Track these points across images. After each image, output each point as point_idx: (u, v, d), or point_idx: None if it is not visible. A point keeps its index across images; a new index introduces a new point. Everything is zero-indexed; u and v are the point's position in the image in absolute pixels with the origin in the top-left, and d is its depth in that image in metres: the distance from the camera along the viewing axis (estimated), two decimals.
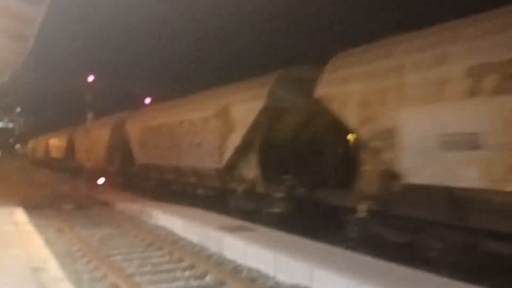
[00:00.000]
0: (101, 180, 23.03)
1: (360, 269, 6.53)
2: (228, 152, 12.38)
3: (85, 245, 9.48)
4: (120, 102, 32.57)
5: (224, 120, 12.77)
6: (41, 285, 5.51)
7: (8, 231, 9.34)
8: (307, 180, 10.87)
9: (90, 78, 29.79)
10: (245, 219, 10.95)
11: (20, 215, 11.80)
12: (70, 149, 33.73)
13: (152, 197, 16.64)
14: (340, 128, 9.96)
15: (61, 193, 20.77)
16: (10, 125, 76.26)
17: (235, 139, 12.09)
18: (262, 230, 10.05)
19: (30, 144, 66.49)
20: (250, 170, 11.89)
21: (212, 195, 14.25)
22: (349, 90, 8.77)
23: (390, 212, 7.99)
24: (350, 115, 8.78)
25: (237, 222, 10.83)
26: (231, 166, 12.58)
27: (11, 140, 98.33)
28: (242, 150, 12.02)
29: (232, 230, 9.65)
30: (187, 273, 7.66)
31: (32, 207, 14.87)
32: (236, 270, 7.83)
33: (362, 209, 8.41)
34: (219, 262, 8.35)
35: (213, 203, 13.82)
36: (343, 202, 9.33)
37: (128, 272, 7.63)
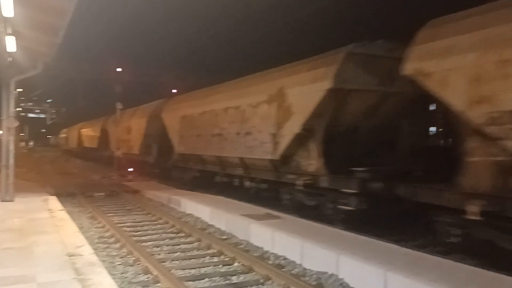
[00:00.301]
0: (133, 170, 22.79)
1: (388, 258, 6.51)
2: (285, 142, 11.15)
3: (117, 232, 9.75)
4: (154, 92, 32.75)
5: (279, 106, 11.49)
6: (76, 270, 5.72)
7: (43, 218, 9.69)
8: (383, 173, 9.42)
9: (121, 68, 30.13)
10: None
11: (54, 202, 12.21)
12: (103, 138, 33.26)
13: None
14: (417, 112, 9.17)
15: (93, 182, 21.37)
16: (42, 115, 78.38)
17: (293, 127, 10.82)
18: (289, 218, 10.12)
19: (62, 134, 67.25)
20: (311, 161, 10.62)
21: (263, 188, 13.18)
22: (453, 63, 7.23)
23: (507, 214, 6.70)
24: (455, 94, 7.21)
25: (263, 210, 10.94)
26: (288, 157, 11.39)
27: (43, 131, 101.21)
28: (302, 139, 10.77)
29: (259, 217, 9.75)
30: (215, 259, 7.81)
31: (66, 195, 15.39)
32: (263, 257, 7.94)
33: (472, 210, 6.89)
34: (247, 249, 8.48)
35: (264, 198, 13.13)
36: (439, 201, 7.80)
37: (159, 257, 7.84)
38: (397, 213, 9.31)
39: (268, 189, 12.92)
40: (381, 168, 9.56)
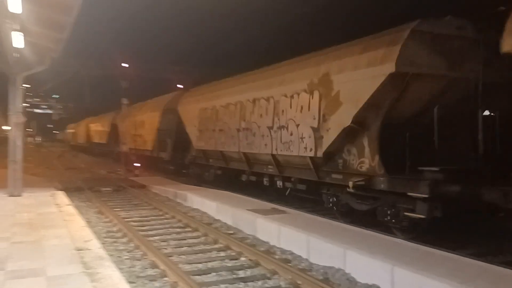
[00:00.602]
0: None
1: (395, 253, 6.52)
2: (330, 136, 9.66)
3: (124, 226, 9.81)
4: (166, 86, 32.66)
5: (323, 95, 9.94)
6: (85, 264, 5.77)
7: (51, 213, 9.77)
8: (461, 173, 7.97)
9: (129, 63, 30.17)
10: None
11: (61, 197, 12.31)
12: (113, 134, 32.24)
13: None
14: (493, 100, 7.87)
15: (100, 177, 21.50)
16: (49, 111, 78.92)
17: (341, 119, 9.29)
18: (295, 212, 10.15)
19: (70, 130, 66.80)
20: (364, 159, 9.10)
21: (300, 189, 11.68)
22: None
23: None
24: None
25: (269, 205, 10.96)
26: (333, 154, 9.86)
27: (50, 126, 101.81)
28: (352, 133, 9.26)
29: (265, 212, 9.78)
30: (222, 254, 7.85)
31: (73, 190, 15.51)
32: (269, 251, 7.96)
33: None
34: (253, 244, 8.50)
35: (303, 201, 12.34)
36: None
37: (166, 252, 7.89)
38: (481, 222, 8.16)
39: (306, 190, 11.41)
40: (457, 168, 8.19)
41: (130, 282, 6.03)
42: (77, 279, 5.20)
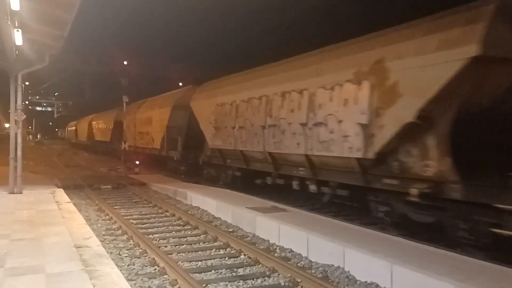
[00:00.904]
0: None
1: (395, 251, 6.51)
2: (386, 134, 8.22)
3: (124, 224, 9.81)
4: (165, 83, 32.48)
5: (375, 86, 8.50)
6: (84, 261, 5.78)
7: (51, 210, 9.78)
8: None
9: (129, 60, 30.09)
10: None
11: (61, 195, 12.31)
12: (117, 131, 30.17)
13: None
14: None
15: (100, 175, 21.50)
16: (49, 109, 79.05)
17: (401, 114, 7.90)
18: (295, 210, 10.14)
19: (71, 127, 65.68)
20: (429, 162, 7.68)
21: (341, 195, 10.25)
22: None
23: None
24: None
25: (269, 203, 10.96)
26: (388, 156, 8.46)
27: (50, 124, 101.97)
28: (414, 131, 7.86)
29: (265, 210, 9.78)
30: (221, 252, 7.85)
31: (73, 188, 15.52)
32: (269, 249, 7.97)
33: None
34: (253, 242, 8.51)
35: (340, 207, 11.17)
36: None
37: (165, 249, 7.89)
38: None
39: (349, 196, 10.03)
40: None
41: (129, 280, 6.04)
42: (76, 276, 5.20)
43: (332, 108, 9.65)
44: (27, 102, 54.48)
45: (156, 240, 8.65)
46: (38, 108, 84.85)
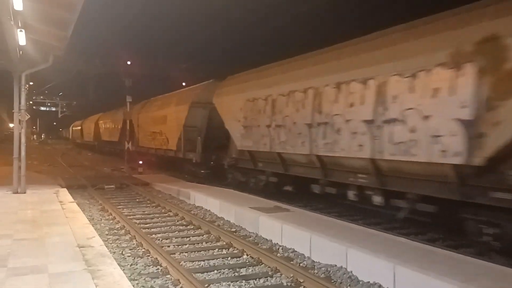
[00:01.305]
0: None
1: (397, 251, 6.49)
2: (502, 134, 6.41)
3: (127, 224, 9.83)
4: (170, 83, 32.27)
5: (486, 70, 6.61)
6: (87, 261, 5.79)
7: (55, 210, 9.81)
8: None
9: (132, 60, 30.03)
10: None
11: (65, 195, 12.35)
12: (126, 131, 26.60)
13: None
14: None
15: (104, 175, 21.56)
16: (53, 108, 79.39)
17: None
18: (298, 210, 10.13)
19: (76, 127, 64.54)
20: None
21: (422, 211, 8.33)
22: None
23: None
24: None
25: (272, 203, 10.95)
26: (500, 162, 6.60)
27: (54, 123, 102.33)
28: None
29: (268, 210, 9.78)
30: (224, 252, 7.85)
31: (76, 187, 15.57)
32: (272, 249, 7.96)
33: None
34: (255, 242, 8.51)
35: (419, 226, 9.29)
36: None
37: (168, 249, 7.90)
38: None
39: (435, 213, 8.13)
40: None
41: (132, 280, 6.05)
42: (79, 276, 5.22)
43: (414, 100, 7.76)
44: (31, 102, 54.76)
45: (159, 239, 8.66)
46: (43, 108, 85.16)
